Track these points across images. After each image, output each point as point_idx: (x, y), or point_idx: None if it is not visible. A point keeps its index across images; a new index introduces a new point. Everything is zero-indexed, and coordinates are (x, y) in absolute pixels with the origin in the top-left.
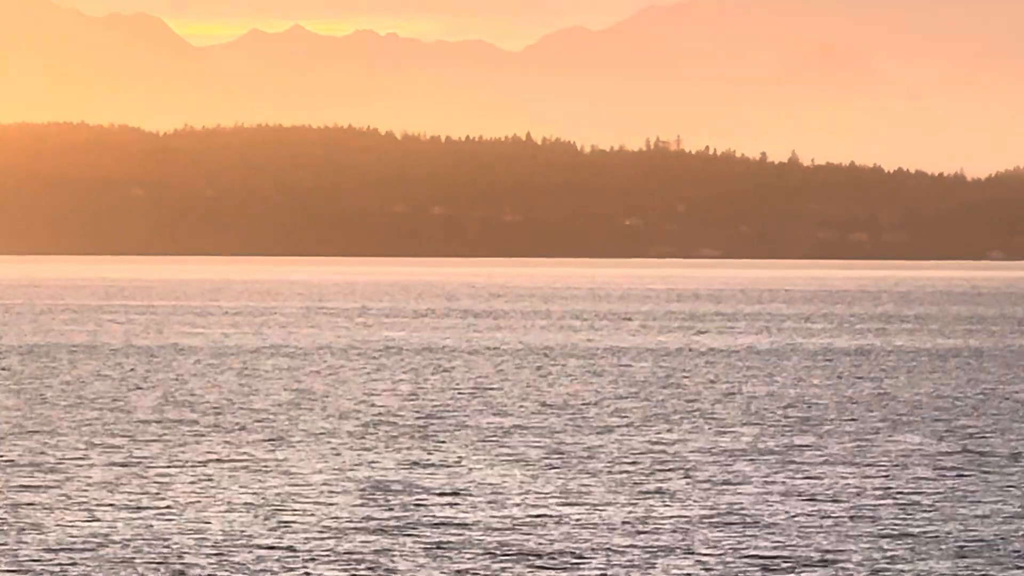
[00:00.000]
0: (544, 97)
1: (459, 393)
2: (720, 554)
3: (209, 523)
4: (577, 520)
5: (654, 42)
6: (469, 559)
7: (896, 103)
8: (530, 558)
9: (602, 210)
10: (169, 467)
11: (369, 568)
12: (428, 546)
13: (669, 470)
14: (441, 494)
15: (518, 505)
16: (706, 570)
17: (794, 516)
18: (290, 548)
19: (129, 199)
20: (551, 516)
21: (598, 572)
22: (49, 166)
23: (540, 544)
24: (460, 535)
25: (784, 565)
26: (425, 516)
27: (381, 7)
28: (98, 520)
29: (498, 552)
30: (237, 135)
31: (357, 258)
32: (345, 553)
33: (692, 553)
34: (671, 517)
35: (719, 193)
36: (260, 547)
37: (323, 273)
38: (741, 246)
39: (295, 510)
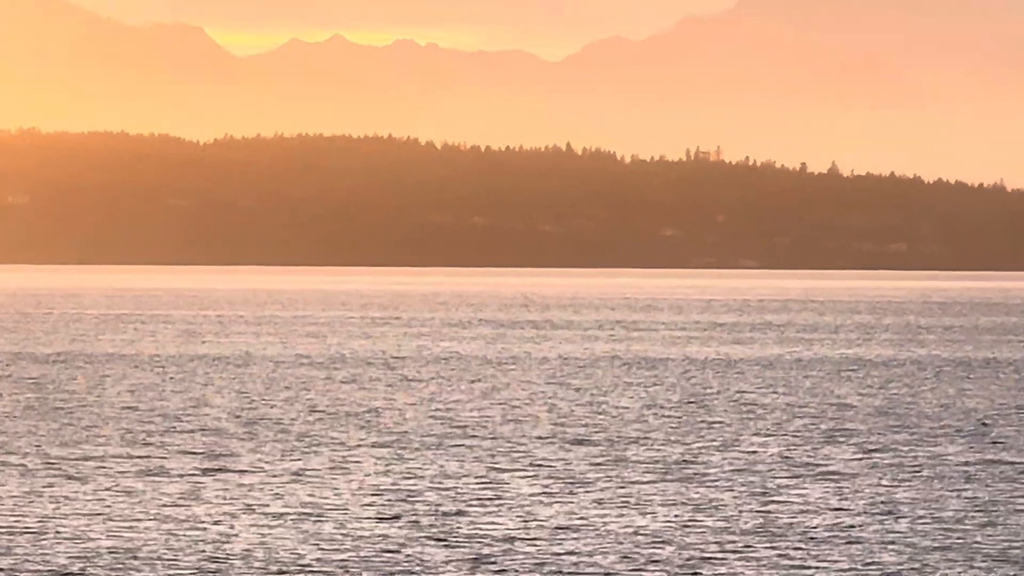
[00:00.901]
0: (584, 107)
1: (492, 403)
2: (757, 566)
3: (241, 533)
4: (613, 531)
5: (694, 52)
6: (504, 571)
7: (936, 114)
8: (565, 570)
9: (642, 220)
10: (202, 476)
11: None
12: (464, 559)
13: (704, 481)
14: (475, 505)
15: (552, 516)
16: None
17: (829, 528)
18: (321, 559)
19: (169, 209)
20: (587, 527)
21: None
22: (89, 176)
23: (576, 556)
24: (496, 547)
25: None
26: (460, 528)
27: (421, 17)
28: (131, 530)
29: (532, 564)
30: (277, 145)
31: (396, 268)
32: (379, 564)
33: (728, 565)
34: (707, 528)
35: (759, 204)
36: (292, 559)
37: (361, 283)
38: (780, 257)
39: (327, 521)
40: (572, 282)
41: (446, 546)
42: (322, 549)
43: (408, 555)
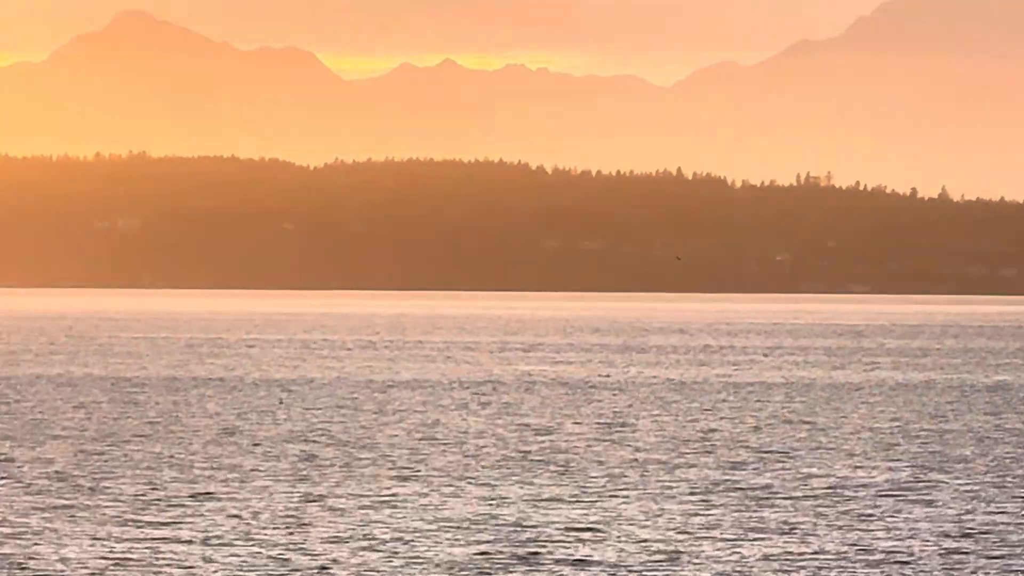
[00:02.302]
0: (695, 132)
1: (596, 427)
2: None
3: (339, 559)
4: (710, 556)
5: (805, 77)
6: None
7: None
8: None
9: (752, 246)
10: (300, 501)
11: None
12: None
13: (802, 505)
14: (575, 529)
15: (649, 542)
16: None
17: (927, 554)
18: None
19: (279, 233)
20: (683, 552)
21: None
22: (199, 200)
23: None
24: (592, 571)
25: None
26: (558, 552)
27: (532, 41)
28: (232, 555)
29: None
30: (388, 169)
31: (507, 292)
32: None
33: None
34: (805, 554)
35: (869, 228)
36: None
37: (471, 307)
38: (891, 281)
39: (425, 546)
40: (682, 307)
41: (543, 572)
42: (421, 574)
43: None
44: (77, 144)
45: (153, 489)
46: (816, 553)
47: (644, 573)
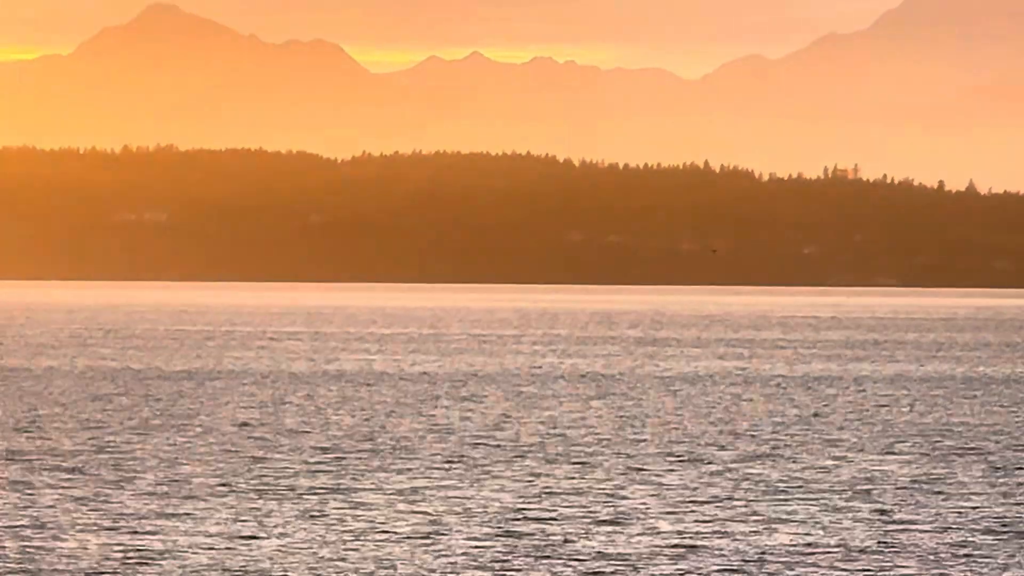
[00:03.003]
0: (722, 125)
1: (615, 419)
2: None
3: (360, 551)
4: (729, 550)
5: (832, 71)
6: None
7: None
8: None
9: (779, 238)
10: (314, 495)
11: None
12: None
13: (822, 498)
14: (591, 522)
15: (669, 535)
16: None
17: (952, 547)
18: None
19: (307, 226)
20: (705, 547)
21: None
22: (226, 193)
23: (670, 574)
24: (611, 566)
25: None
26: (575, 545)
27: (560, 35)
28: (251, 549)
29: None
30: (415, 162)
31: (532, 285)
32: None
33: None
34: (825, 547)
35: (896, 222)
36: (412, 574)
37: (496, 300)
38: (918, 275)
39: (446, 538)
40: (708, 299)
41: (561, 564)
42: (438, 567)
43: (521, 574)
44: (104, 137)
45: (174, 481)
46: (836, 546)
47: (662, 565)
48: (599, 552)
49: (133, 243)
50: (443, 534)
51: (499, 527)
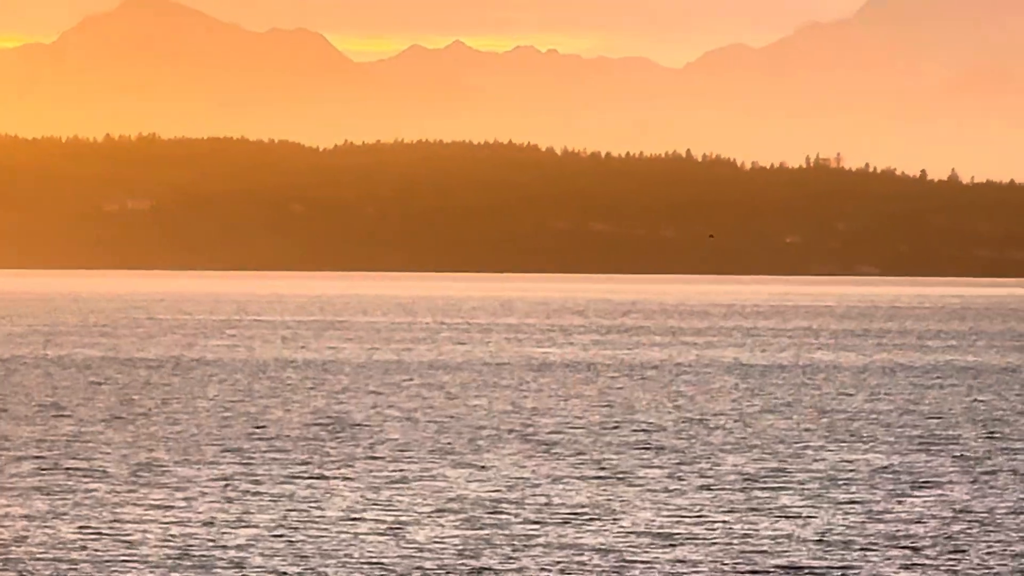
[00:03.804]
0: (704, 114)
1: (601, 409)
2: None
3: (342, 540)
4: (706, 539)
5: (815, 59)
6: None
7: None
8: None
9: (762, 227)
10: (303, 482)
11: None
12: (543, 567)
13: (807, 488)
14: (565, 513)
15: (644, 524)
16: None
17: (930, 538)
18: (419, 567)
19: (288, 215)
20: (679, 536)
21: None
22: (209, 182)
23: (669, 564)
24: (586, 556)
25: None
26: (561, 533)
27: (542, 23)
28: (218, 534)
29: (620, 571)
30: (397, 151)
31: (516, 274)
32: (471, 572)
33: (814, 573)
34: (809, 537)
35: (879, 211)
36: (387, 563)
37: (480, 289)
38: (900, 263)
39: (431, 527)
40: (690, 288)
41: (541, 554)
42: (417, 555)
43: (496, 563)
44: (87, 126)
45: (154, 467)
46: (820, 536)
47: (648, 555)
48: (575, 543)
49: (116, 232)
50: (426, 523)
51: (473, 516)
